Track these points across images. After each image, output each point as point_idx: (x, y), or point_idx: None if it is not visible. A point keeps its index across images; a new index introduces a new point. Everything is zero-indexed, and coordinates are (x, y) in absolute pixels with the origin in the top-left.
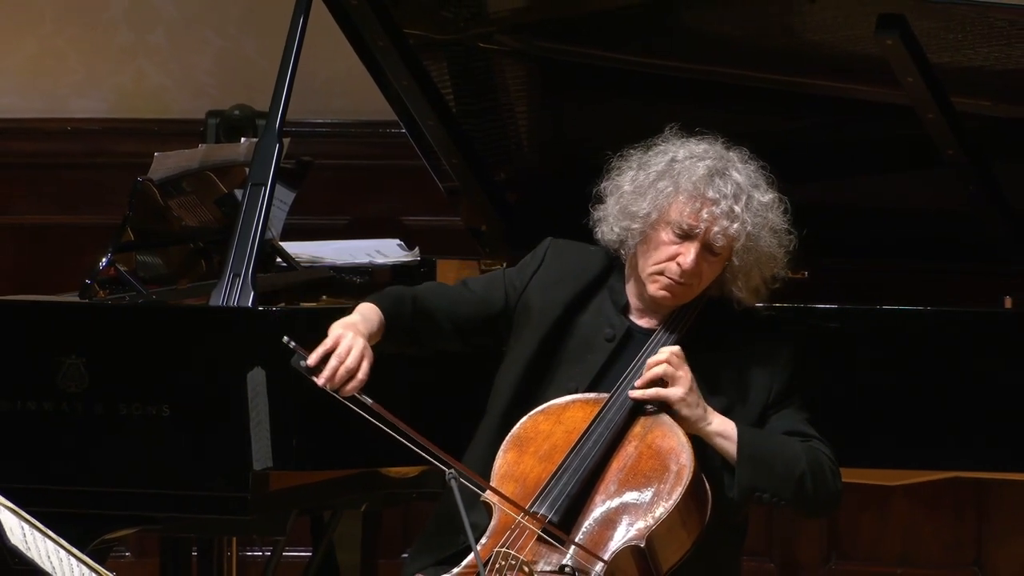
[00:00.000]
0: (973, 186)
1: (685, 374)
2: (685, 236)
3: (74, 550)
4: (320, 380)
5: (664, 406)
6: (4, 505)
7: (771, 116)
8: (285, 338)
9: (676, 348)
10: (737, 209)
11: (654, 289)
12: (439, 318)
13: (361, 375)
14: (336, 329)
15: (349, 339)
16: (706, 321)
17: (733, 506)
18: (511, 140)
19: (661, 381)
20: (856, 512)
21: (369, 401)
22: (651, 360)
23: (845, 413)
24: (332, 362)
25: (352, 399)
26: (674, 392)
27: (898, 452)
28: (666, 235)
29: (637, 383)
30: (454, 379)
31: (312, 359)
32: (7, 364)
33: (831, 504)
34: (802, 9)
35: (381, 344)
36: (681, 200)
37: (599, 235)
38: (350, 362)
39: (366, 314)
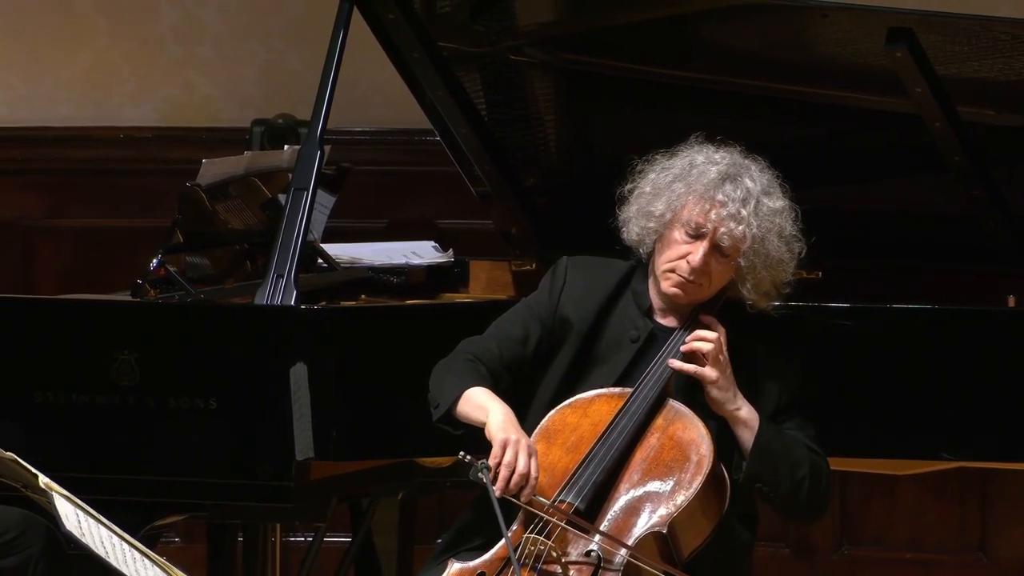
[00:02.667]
0: (977, 191)
1: (724, 359)
2: (695, 235)
3: (126, 535)
4: (498, 491)
5: (689, 392)
6: (60, 493)
7: (786, 124)
8: (461, 453)
9: (718, 335)
10: (744, 212)
11: (667, 286)
12: (498, 371)
13: (533, 474)
14: (498, 435)
15: (514, 444)
16: (724, 321)
17: (736, 489)
18: (540, 147)
19: (700, 359)
20: (866, 500)
21: (546, 502)
22: (699, 334)
23: (856, 406)
24: (503, 472)
25: (529, 501)
26: (710, 373)
27: (906, 443)
28: (679, 235)
29: (682, 348)
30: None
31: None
32: (63, 359)
33: (814, 514)
34: (816, 24)
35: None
36: (692, 201)
37: (624, 235)
38: (521, 467)
39: (499, 402)
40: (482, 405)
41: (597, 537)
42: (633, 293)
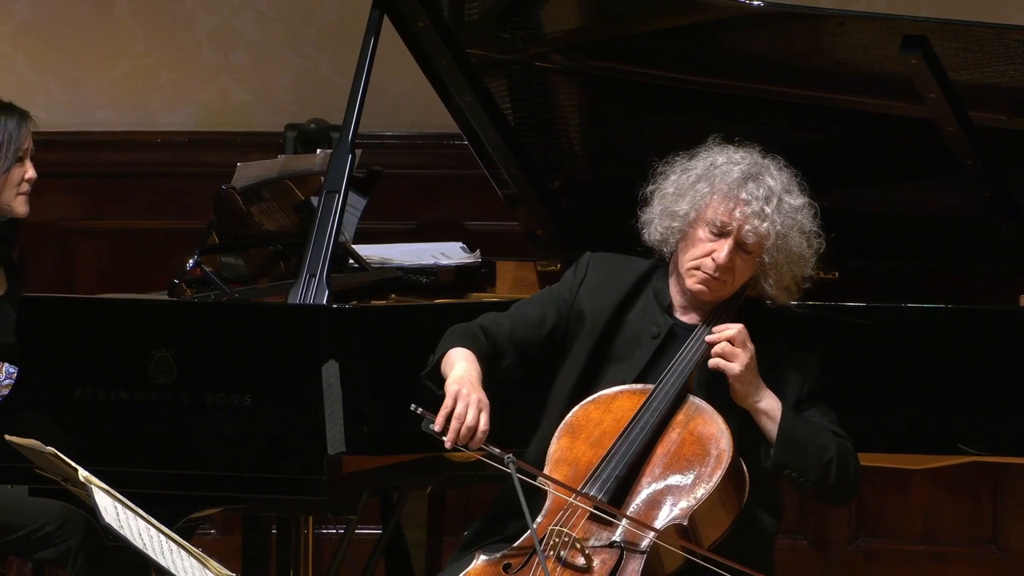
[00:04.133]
0: (989, 193)
1: (744, 353)
2: (720, 234)
3: (163, 528)
4: (447, 443)
5: (709, 387)
6: (99, 486)
7: (804, 129)
8: (412, 405)
9: (740, 326)
10: (767, 210)
11: (692, 283)
12: (503, 346)
13: (483, 427)
14: (452, 387)
15: (463, 395)
16: (744, 319)
17: (764, 478)
18: (565, 151)
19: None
20: (881, 493)
21: (497, 451)
22: (719, 333)
23: (873, 402)
24: (453, 424)
25: (480, 450)
26: (731, 367)
27: (920, 438)
28: (703, 233)
29: (708, 338)
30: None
31: (438, 424)
32: (103, 357)
33: (847, 495)
34: (833, 31)
35: None
36: (716, 200)
37: (646, 236)
38: (469, 420)
39: (468, 360)
40: (454, 363)
41: (620, 529)
42: (654, 290)
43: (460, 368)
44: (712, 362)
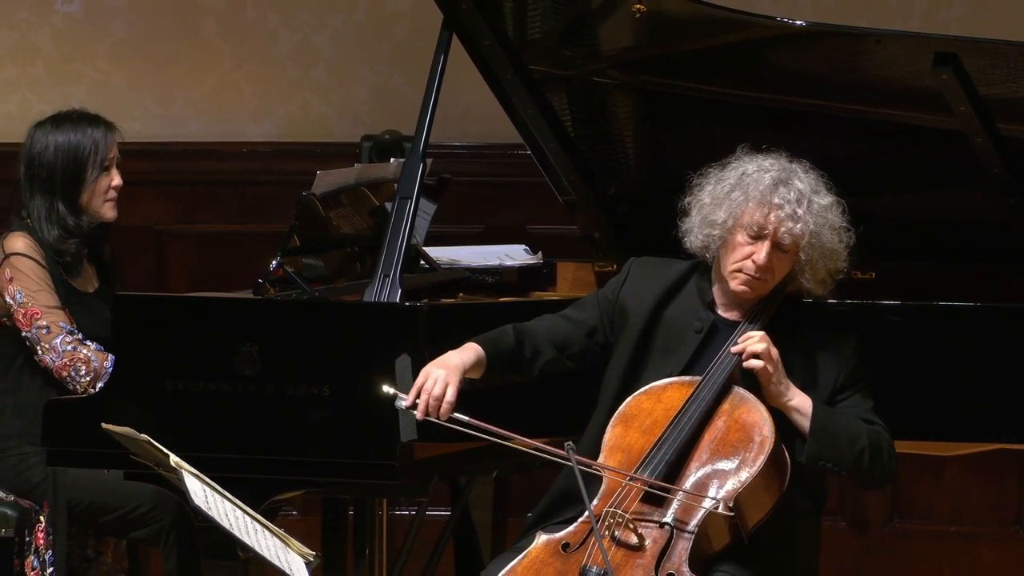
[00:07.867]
0: (1015, 200)
1: (769, 359)
2: (757, 237)
3: (248, 509)
4: (418, 415)
5: (752, 378)
6: (188, 471)
7: (842, 140)
8: (385, 387)
9: (762, 334)
10: (800, 211)
11: (735, 285)
12: (540, 342)
13: (448, 398)
14: (426, 368)
15: (433, 373)
16: (783, 314)
17: (802, 470)
18: (620, 160)
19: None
20: (915, 478)
21: (466, 419)
22: (742, 343)
23: (906, 394)
24: (422, 397)
25: (450, 420)
26: (763, 373)
27: (951, 427)
28: (741, 237)
29: (733, 349)
30: (573, 378)
31: (408, 399)
32: (192, 351)
33: (883, 480)
34: (870, 49)
35: (488, 376)
36: (751, 207)
37: (687, 244)
38: (436, 391)
39: (463, 349)
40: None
41: (671, 511)
42: (698, 288)
43: (446, 354)
44: (752, 363)
